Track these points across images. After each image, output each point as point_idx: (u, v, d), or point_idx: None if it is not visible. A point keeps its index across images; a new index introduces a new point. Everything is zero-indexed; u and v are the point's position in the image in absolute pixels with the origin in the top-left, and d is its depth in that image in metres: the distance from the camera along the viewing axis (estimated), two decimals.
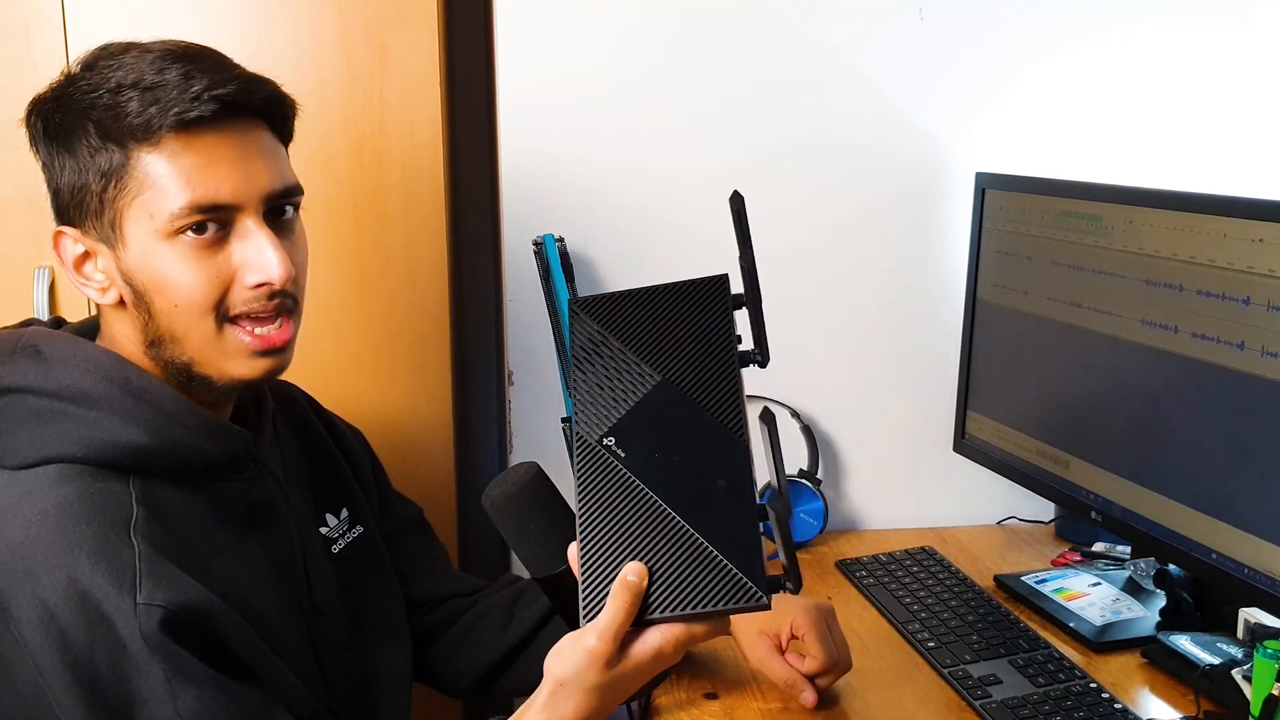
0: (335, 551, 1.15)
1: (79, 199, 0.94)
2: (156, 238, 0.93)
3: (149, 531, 0.90)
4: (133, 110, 0.90)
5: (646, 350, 0.98)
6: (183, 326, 0.95)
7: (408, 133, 1.48)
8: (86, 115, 0.92)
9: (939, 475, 1.73)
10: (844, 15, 1.61)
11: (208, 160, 0.92)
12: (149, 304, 0.95)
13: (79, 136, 0.93)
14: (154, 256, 0.93)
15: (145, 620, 0.85)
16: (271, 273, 0.94)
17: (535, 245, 1.57)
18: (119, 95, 0.91)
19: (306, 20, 1.44)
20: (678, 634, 0.85)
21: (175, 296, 0.94)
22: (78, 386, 0.93)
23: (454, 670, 1.26)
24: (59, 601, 0.85)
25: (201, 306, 0.94)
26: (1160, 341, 1.27)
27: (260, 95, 0.96)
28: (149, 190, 0.92)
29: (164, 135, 0.91)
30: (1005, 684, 1.20)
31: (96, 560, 0.86)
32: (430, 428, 1.56)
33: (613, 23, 1.58)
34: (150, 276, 0.94)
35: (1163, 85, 1.66)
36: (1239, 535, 1.17)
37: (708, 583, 0.85)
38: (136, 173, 0.91)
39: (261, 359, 0.98)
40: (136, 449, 0.93)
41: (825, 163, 1.65)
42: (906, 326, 1.70)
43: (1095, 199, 1.37)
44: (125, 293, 0.96)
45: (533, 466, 1.02)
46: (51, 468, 0.91)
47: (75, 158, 0.93)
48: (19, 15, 1.40)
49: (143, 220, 0.92)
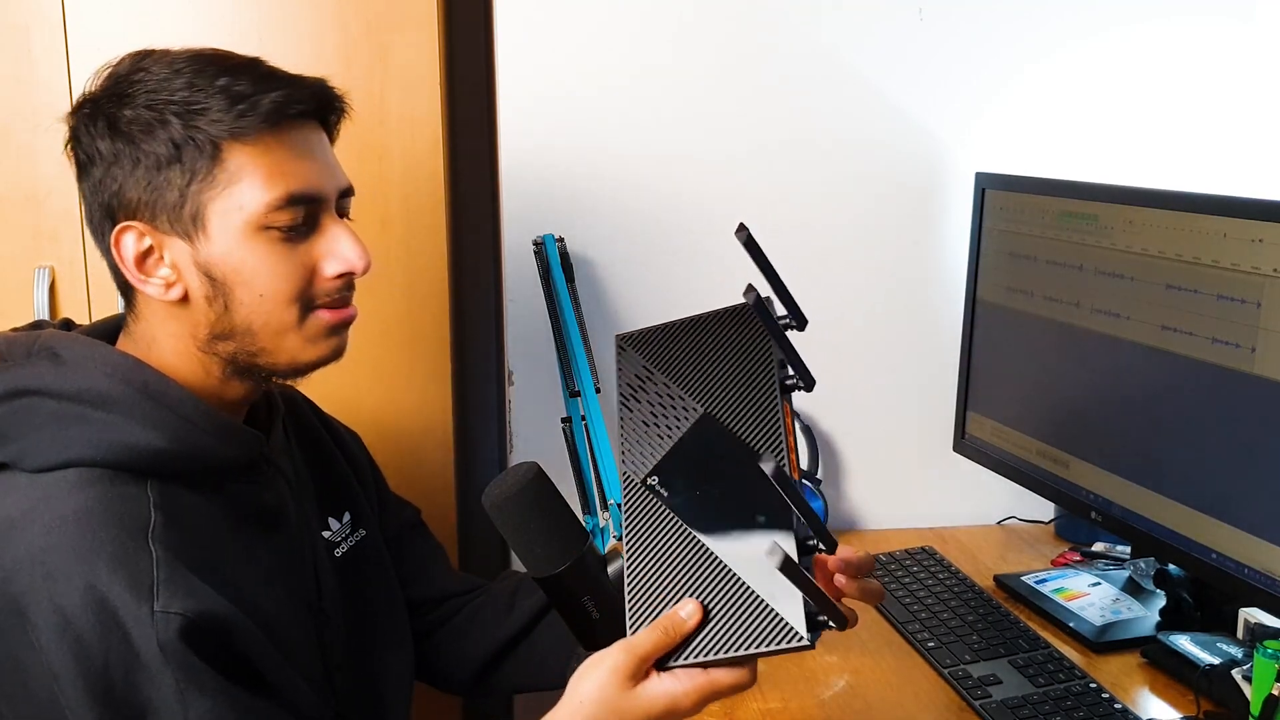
0: (338, 555, 1.15)
1: (154, 193, 0.95)
2: (245, 229, 0.94)
3: (167, 537, 0.90)
4: (221, 106, 0.93)
5: (690, 383, 0.99)
6: (263, 316, 0.97)
7: (408, 133, 1.48)
8: (165, 111, 0.93)
9: (939, 475, 1.73)
10: (844, 15, 1.61)
11: (295, 154, 0.96)
12: (229, 296, 0.96)
13: (157, 132, 0.93)
14: (240, 248, 0.95)
15: (162, 628, 0.86)
16: (355, 263, 0.99)
17: (535, 245, 1.57)
18: (201, 93, 0.93)
19: (306, 20, 1.44)
20: (699, 684, 0.86)
21: (261, 287, 0.96)
22: (96, 389, 0.93)
23: (455, 661, 1.27)
24: (76, 608, 0.85)
25: (288, 296, 0.97)
26: (1160, 341, 1.27)
27: (334, 99, 1.01)
28: (241, 182, 0.94)
29: (256, 132, 0.94)
30: (1005, 684, 1.20)
31: (115, 567, 0.86)
32: (430, 428, 1.56)
33: (613, 22, 1.58)
34: (235, 268, 0.95)
35: (1163, 85, 1.67)
36: (1239, 535, 1.17)
37: (748, 623, 0.84)
38: (229, 166, 0.93)
39: (336, 337, 1.01)
40: (154, 452, 0.93)
41: (825, 163, 1.65)
42: (906, 326, 1.70)
43: (1095, 199, 1.37)
44: (198, 286, 0.96)
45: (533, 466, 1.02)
46: (71, 471, 0.91)
47: (150, 153, 0.94)
48: (19, 15, 1.40)
49: (231, 213, 0.94)
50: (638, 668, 0.86)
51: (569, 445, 1.42)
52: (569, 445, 1.42)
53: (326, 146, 1.01)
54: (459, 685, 1.30)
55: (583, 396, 1.39)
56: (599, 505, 1.34)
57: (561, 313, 1.49)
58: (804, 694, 1.22)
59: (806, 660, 1.28)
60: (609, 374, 1.66)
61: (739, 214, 1.65)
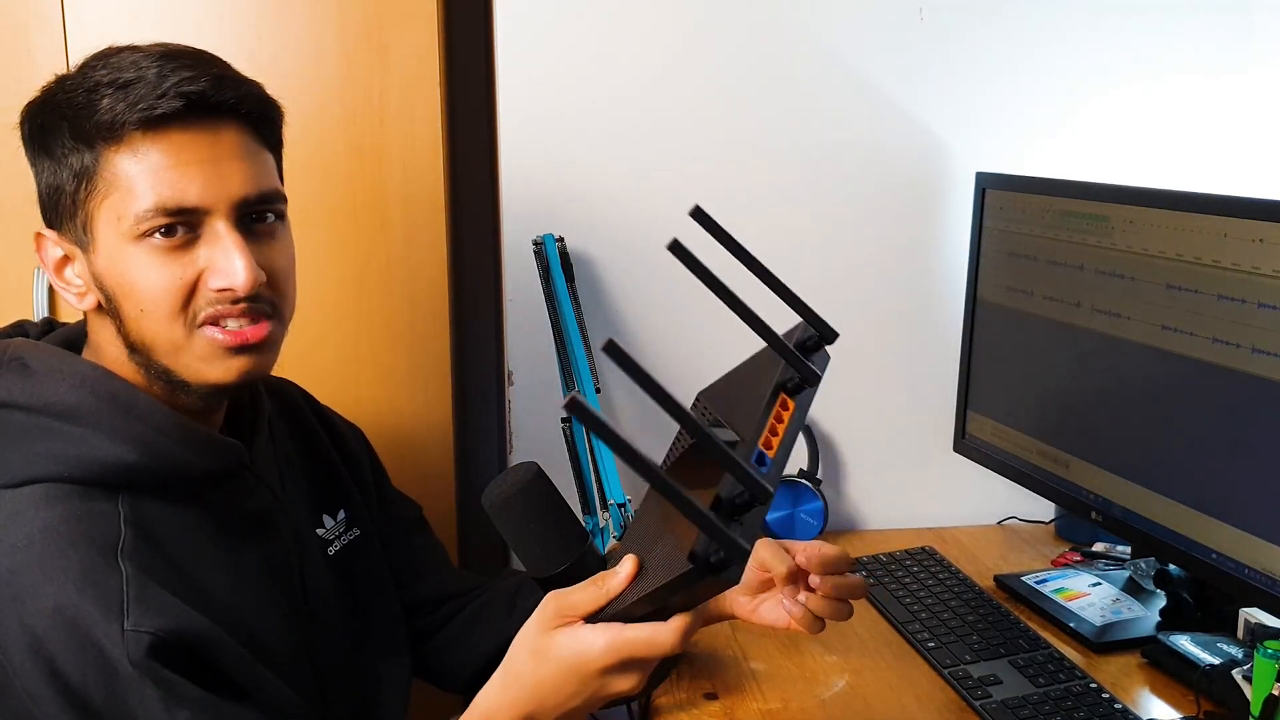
0: (331, 554, 1.13)
1: (55, 201, 0.93)
2: (124, 240, 0.91)
3: (137, 554, 0.88)
4: (103, 108, 0.89)
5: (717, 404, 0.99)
6: (151, 332, 0.93)
7: (408, 133, 1.48)
8: (63, 115, 0.91)
9: (939, 475, 1.73)
10: (844, 15, 1.61)
11: (175, 161, 0.90)
12: (119, 309, 0.93)
13: (55, 137, 0.92)
14: (121, 260, 0.91)
15: (133, 646, 0.84)
16: (235, 279, 0.91)
17: (535, 245, 1.57)
18: (94, 94, 0.89)
19: (306, 20, 1.44)
20: (610, 635, 0.81)
21: (141, 300, 0.92)
22: (65, 402, 0.91)
23: (456, 660, 1.26)
24: (46, 628, 0.84)
25: (168, 310, 0.92)
26: (1160, 341, 1.27)
27: (232, 93, 0.92)
28: (117, 191, 0.90)
29: (130, 134, 0.89)
30: (1005, 684, 1.20)
31: (83, 587, 0.85)
32: (430, 428, 1.56)
33: (613, 22, 1.58)
34: (118, 280, 0.92)
35: (1163, 85, 1.66)
36: (1239, 535, 1.17)
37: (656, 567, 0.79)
38: (105, 173, 0.90)
39: (236, 357, 0.94)
40: (125, 466, 0.91)
41: (825, 163, 1.65)
42: (906, 326, 1.70)
43: (1095, 199, 1.37)
44: (99, 297, 0.94)
45: (533, 466, 1.02)
46: (39, 488, 0.89)
47: (52, 159, 0.92)
48: (19, 15, 1.40)
49: (111, 222, 0.91)
50: (561, 616, 0.83)
51: (569, 445, 1.42)
52: (569, 445, 1.42)
53: (234, 150, 0.93)
54: (460, 685, 1.30)
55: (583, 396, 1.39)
56: (599, 505, 1.34)
57: (561, 313, 1.49)
58: (804, 694, 1.22)
59: (806, 660, 1.28)
60: (609, 374, 1.67)
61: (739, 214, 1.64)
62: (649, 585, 0.79)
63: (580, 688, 0.83)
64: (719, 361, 1.68)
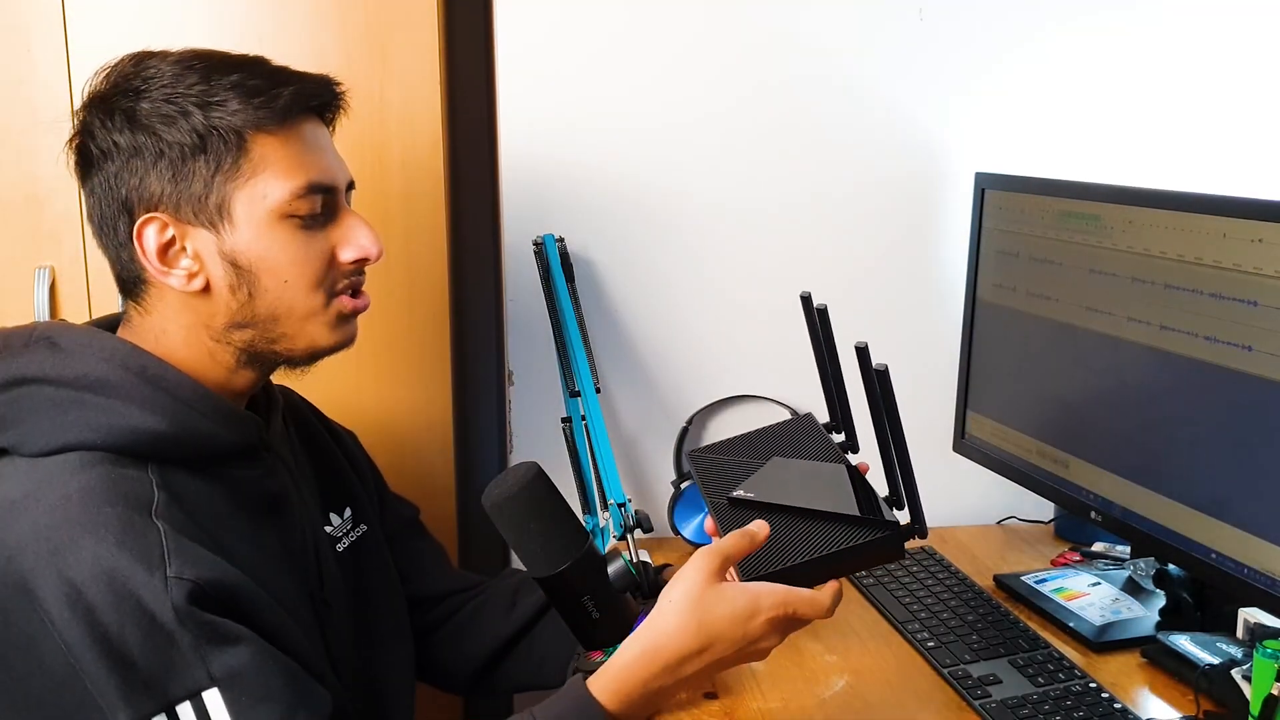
0: (340, 550, 1.16)
1: (178, 185, 0.96)
2: (269, 218, 0.97)
3: (170, 515, 0.91)
4: (240, 100, 0.96)
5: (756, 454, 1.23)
6: (288, 302, 1.00)
7: (408, 133, 1.48)
8: (185, 105, 0.95)
9: (939, 475, 1.73)
10: (844, 15, 1.61)
11: (312, 147, 1.00)
12: (254, 284, 0.99)
13: (179, 125, 0.95)
14: (264, 237, 0.98)
15: (176, 593, 0.86)
16: (369, 249, 1.03)
17: (535, 245, 1.57)
18: (218, 87, 0.96)
19: (307, 21, 1.44)
20: (780, 592, 0.92)
21: (286, 273, 0.99)
22: (94, 374, 0.94)
23: (457, 658, 1.27)
24: (86, 579, 0.86)
25: (311, 282, 1.00)
26: (1160, 341, 1.27)
27: (337, 95, 1.05)
28: (264, 172, 0.97)
29: (275, 124, 0.97)
30: (1005, 684, 1.20)
31: (122, 540, 0.87)
32: (430, 428, 1.56)
33: (613, 22, 1.58)
34: (260, 255, 0.98)
35: (1163, 85, 1.66)
36: (1239, 535, 1.17)
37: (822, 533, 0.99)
38: (253, 156, 0.96)
39: (352, 323, 1.06)
40: (155, 435, 0.94)
41: (825, 162, 1.65)
42: (906, 326, 1.70)
43: (1095, 199, 1.37)
44: (222, 276, 0.98)
45: (533, 466, 1.02)
46: (72, 455, 0.92)
47: (175, 144, 0.95)
48: (19, 15, 1.40)
49: (256, 202, 0.97)
50: (722, 566, 0.93)
51: (569, 445, 1.42)
52: (569, 445, 1.42)
53: (330, 139, 1.05)
54: (459, 683, 1.30)
55: (583, 396, 1.39)
56: (599, 505, 1.34)
57: (561, 313, 1.49)
58: (804, 694, 1.22)
59: (806, 660, 1.28)
60: (609, 374, 1.67)
61: (739, 214, 1.66)
62: (817, 549, 0.96)
63: (742, 637, 0.92)
64: (718, 361, 1.69)
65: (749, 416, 1.69)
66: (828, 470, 1.15)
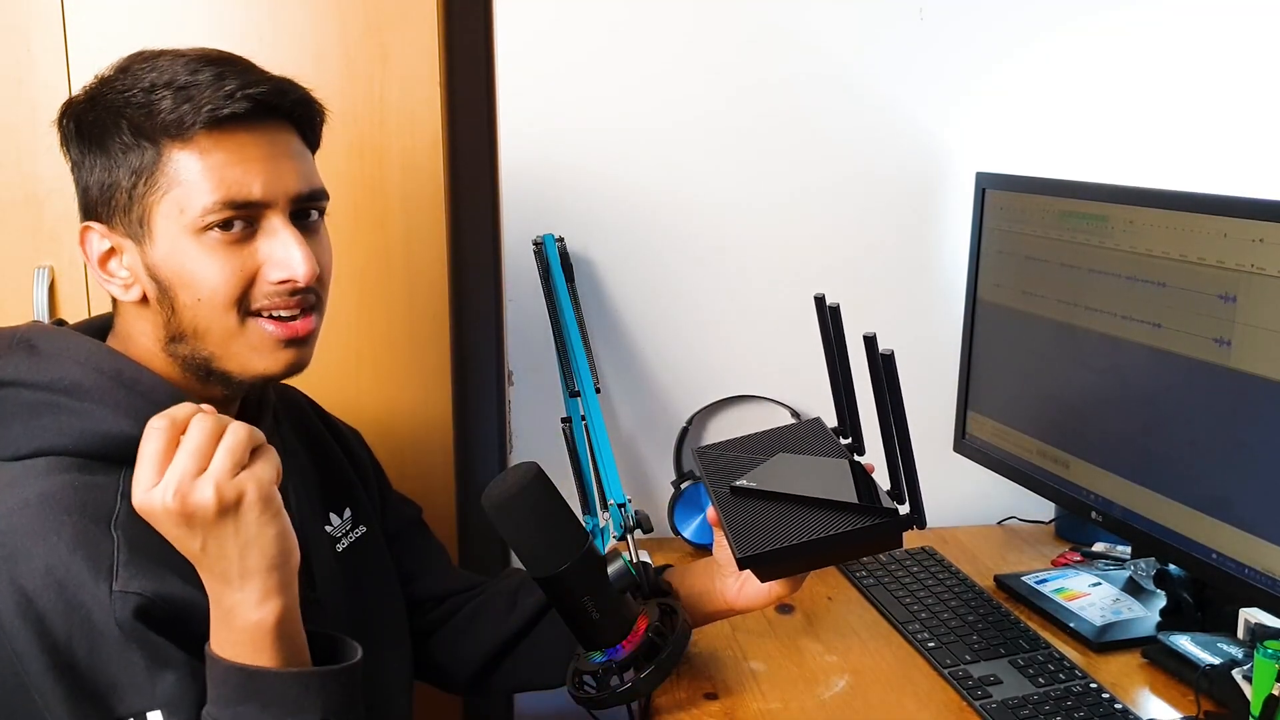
0: (339, 550, 1.15)
1: (109, 195, 0.96)
2: (185, 233, 0.94)
3: (131, 525, 0.90)
4: (166, 108, 0.92)
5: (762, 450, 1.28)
6: (205, 321, 0.96)
7: (408, 133, 1.48)
8: (120, 114, 0.94)
9: (939, 475, 1.72)
10: (844, 15, 1.61)
11: (239, 158, 0.94)
12: (173, 299, 0.96)
13: (112, 135, 0.94)
14: (181, 252, 0.95)
15: (120, 607, 0.86)
16: (296, 270, 0.96)
17: (535, 245, 1.57)
18: (152, 94, 0.93)
19: (307, 21, 1.44)
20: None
21: (199, 290, 0.95)
22: (69, 378, 0.94)
23: (456, 659, 1.27)
24: (37, 588, 0.86)
25: (225, 300, 0.95)
26: (1160, 341, 1.27)
27: (291, 98, 0.98)
28: (180, 186, 0.93)
29: (196, 132, 0.93)
30: (1005, 684, 1.20)
31: (74, 548, 0.87)
32: (430, 428, 1.56)
33: (613, 22, 1.58)
34: (176, 271, 0.95)
35: (1163, 85, 1.66)
36: (1239, 535, 1.17)
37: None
38: (168, 169, 0.93)
39: (285, 350, 0.99)
40: (127, 439, 0.92)
41: (825, 162, 1.65)
42: (907, 326, 1.70)
43: (1096, 199, 1.37)
44: (149, 288, 0.97)
45: (533, 466, 1.02)
46: (41, 459, 0.92)
47: (107, 155, 0.95)
48: (19, 15, 1.40)
49: (172, 216, 0.94)
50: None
51: (569, 445, 1.42)
52: (569, 445, 1.42)
53: (288, 150, 0.98)
54: (459, 684, 1.30)
55: (583, 396, 1.39)
56: (599, 505, 1.34)
57: (561, 313, 1.49)
58: (804, 694, 1.22)
59: (806, 660, 1.28)
60: (609, 374, 1.67)
61: (739, 213, 1.66)
62: (814, 533, 1.02)
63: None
64: (718, 361, 1.69)
65: (749, 416, 1.69)
66: (831, 464, 1.16)
